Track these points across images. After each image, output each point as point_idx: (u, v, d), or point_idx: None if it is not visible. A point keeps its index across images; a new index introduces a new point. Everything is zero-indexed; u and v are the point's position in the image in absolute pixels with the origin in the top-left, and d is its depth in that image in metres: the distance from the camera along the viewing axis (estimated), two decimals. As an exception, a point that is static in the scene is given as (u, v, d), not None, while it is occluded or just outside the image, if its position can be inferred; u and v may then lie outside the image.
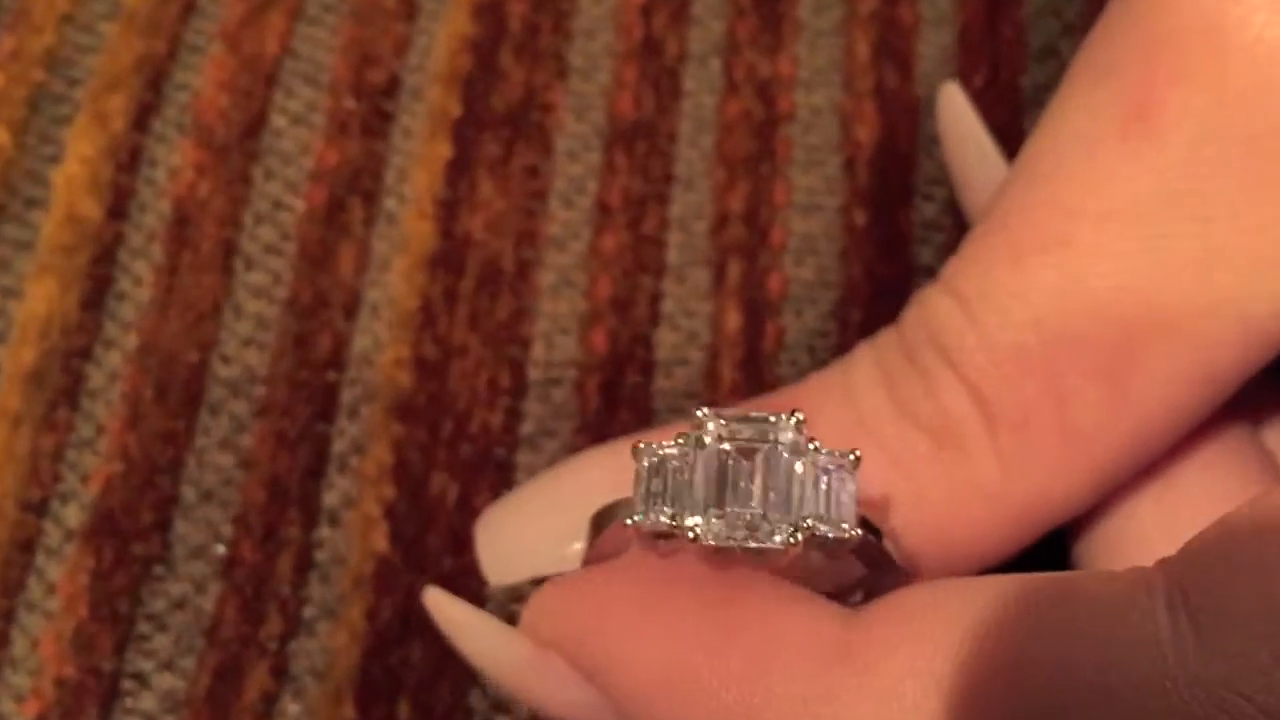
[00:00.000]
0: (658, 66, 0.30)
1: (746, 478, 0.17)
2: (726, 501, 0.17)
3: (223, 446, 0.26)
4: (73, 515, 0.25)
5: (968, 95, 0.30)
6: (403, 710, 0.24)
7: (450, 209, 0.28)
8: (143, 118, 0.29)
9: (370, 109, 0.29)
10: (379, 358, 0.27)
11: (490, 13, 0.31)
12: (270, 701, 0.24)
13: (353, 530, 0.25)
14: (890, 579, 0.19)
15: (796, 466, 0.17)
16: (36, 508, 0.25)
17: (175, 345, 0.27)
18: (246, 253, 0.28)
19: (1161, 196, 0.18)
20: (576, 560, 0.22)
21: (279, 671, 0.24)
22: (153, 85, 0.29)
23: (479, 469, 0.26)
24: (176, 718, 0.24)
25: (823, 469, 0.18)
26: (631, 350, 0.27)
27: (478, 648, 0.21)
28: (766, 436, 0.17)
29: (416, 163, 0.29)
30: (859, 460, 0.18)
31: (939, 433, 0.20)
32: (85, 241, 0.28)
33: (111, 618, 0.24)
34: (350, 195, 0.28)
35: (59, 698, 0.24)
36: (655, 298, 0.28)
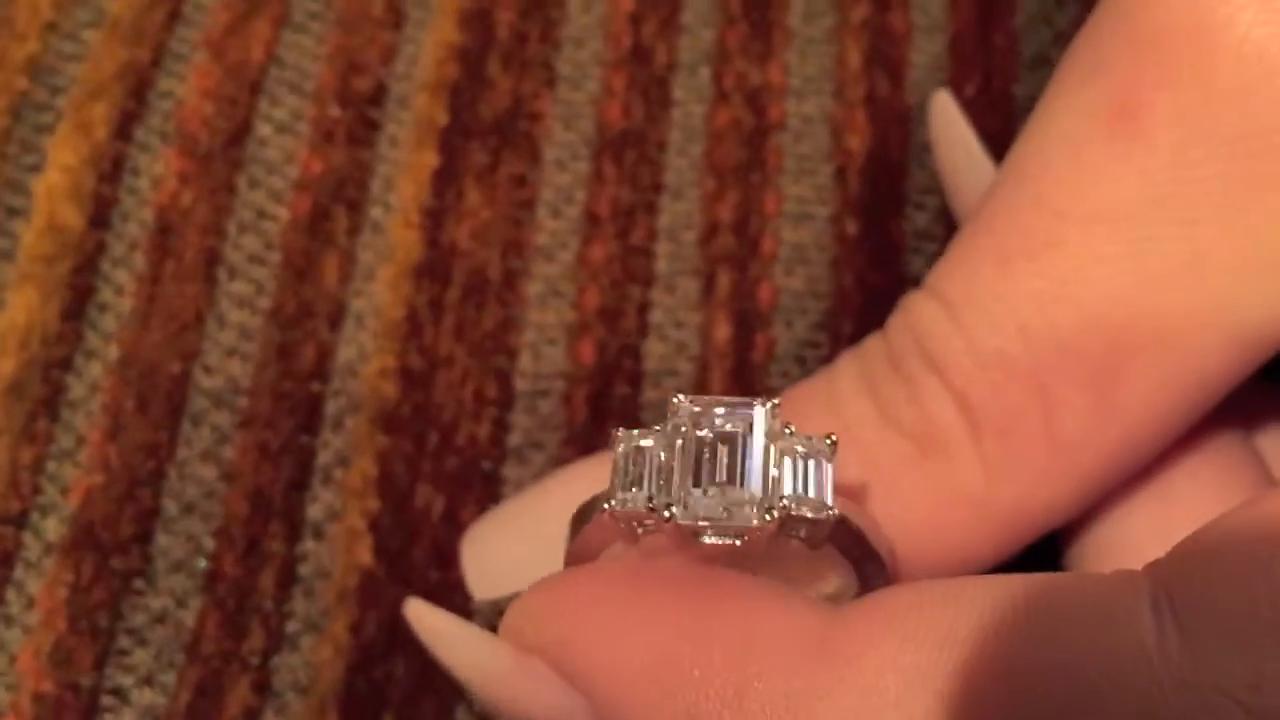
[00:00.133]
0: (647, 75, 0.30)
1: (722, 461, 0.17)
2: (702, 484, 0.17)
3: (205, 458, 0.26)
4: (52, 528, 0.25)
5: (960, 103, 0.30)
6: (387, 726, 0.24)
7: (436, 218, 0.28)
8: (126, 126, 0.29)
9: (356, 117, 0.29)
10: (364, 368, 0.26)
11: (478, 21, 0.30)
12: (252, 717, 0.24)
13: (337, 543, 0.25)
14: (873, 577, 0.19)
15: (772, 450, 0.18)
16: (15, 520, 0.25)
17: (157, 356, 0.26)
18: (230, 262, 0.27)
19: (1148, 198, 0.18)
20: None
21: (261, 687, 0.24)
22: (136, 93, 0.29)
23: (465, 481, 0.26)
24: (156, 734, 0.24)
25: (799, 453, 0.18)
26: (620, 361, 0.27)
27: (460, 657, 0.21)
28: (744, 421, 0.18)
29: (403, 171, 0.28)
30: (835, 444, 0.18)
31: (922, 440, 0.19)
32: (66, 251, 0.27)
33: (91, 632, 0.24)
34: (335, 204, 0.28)
35: (37, 713, 0.23)
36: (644, 308, 0.27)
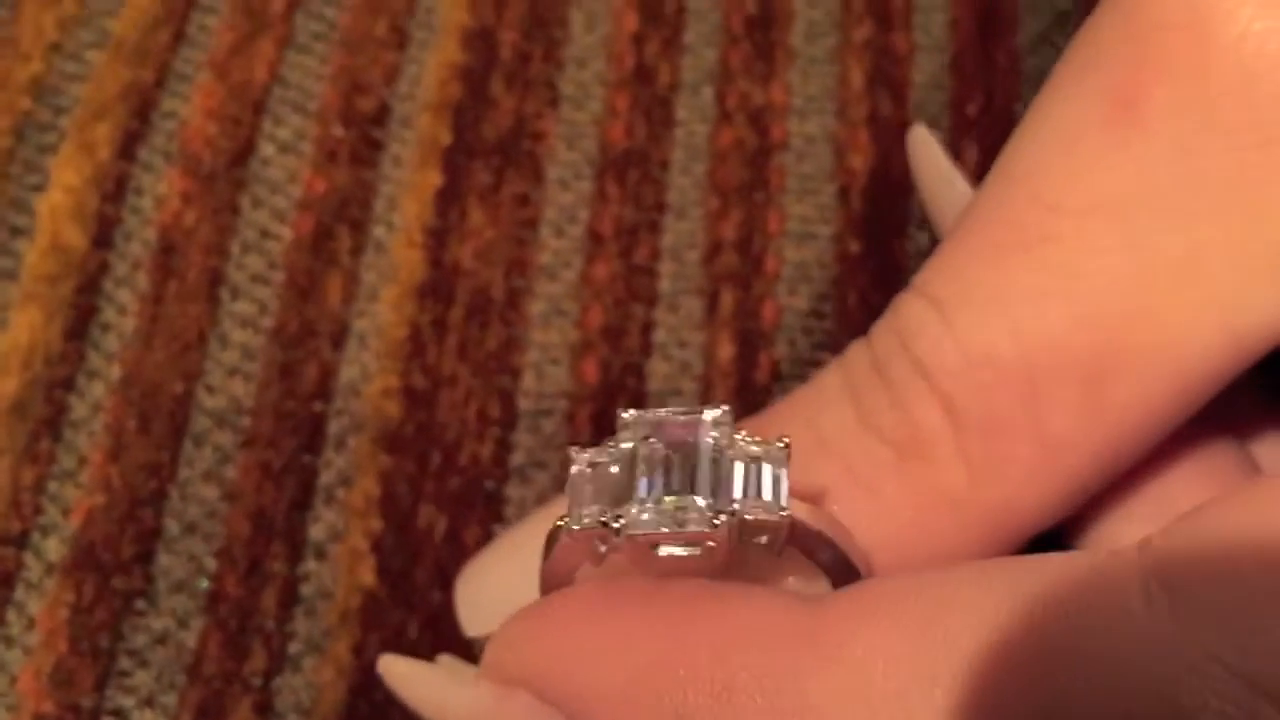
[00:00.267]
0: (650, 95, 0.30)
1: (675, 471, 0.17)
2: (654, 495, 0.17)
3: (207, 478, 0.25)
4: (53, 548, 0.25)
5: (960, 123, 0.30)
6: (389, 748, 0.24)
7: (440, 238, 0.28)
8: (129, 146, 0.29)
9: (359, 137, 0.29)
10: (366, 388, 0.26)
11: (481, 41, 0.30)
12: (254, 739, 0.24)
13: (339, 564, 0.25)
14: (844, 581, 0.18)
15: (723, 457, 0.18)
16: (16, 540, 0.25)
17: (159, 376, 0.26)
18: (233, 282, 0.27)
19: (1145, 191, 0.18)
20: None
21: (263, 708, 0.24)
22: (140, 113, 0.29)
23: (468, 501, 0.26)
24: (157, 756, 0.23)
25: (751, 457, 0.18)
26: (623, 380, 0.27)
27: (440, 701, 0.20)
28: (693, 430, 0.18)
29: (406, 191, 0.28)
30: (788, 447, 0.18)
31: (903, 445, 0.19)
32: (70, 271, 0.27)
33: (92, 653, 0.24)
34: (338, 224, 0.28)
35: (37, 735, 0.23)
36: (647, 327, 0.27)
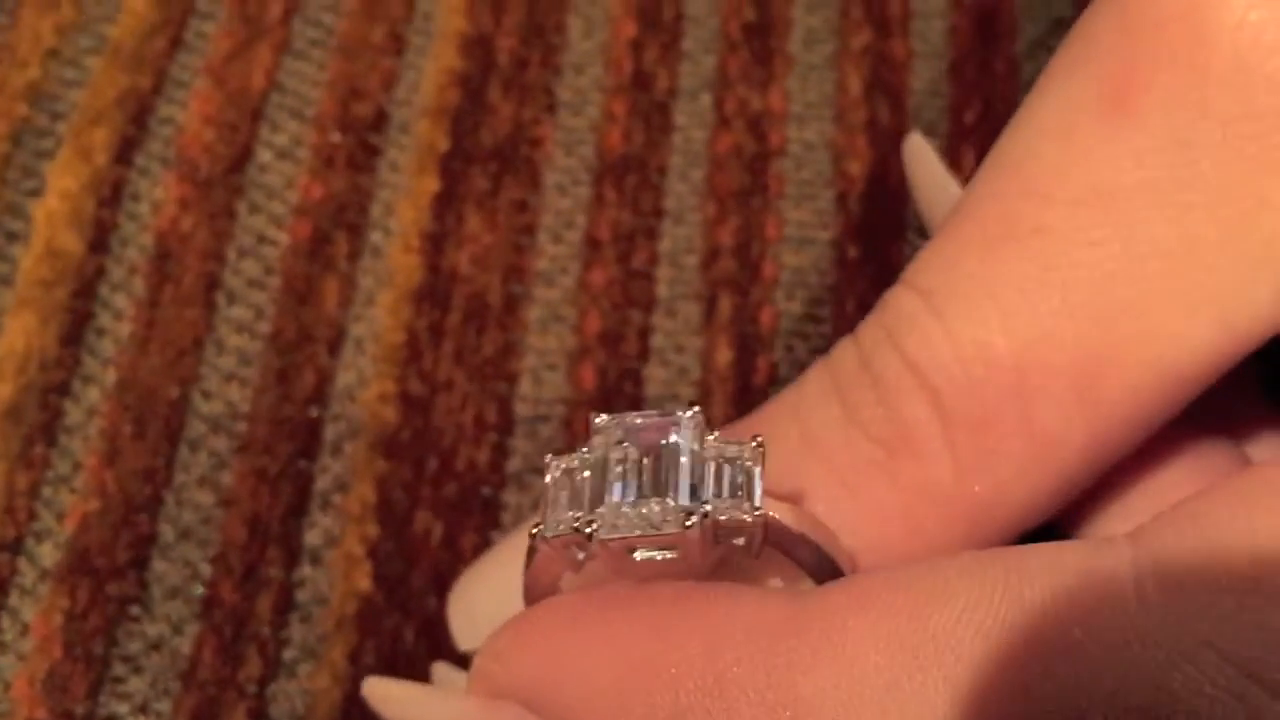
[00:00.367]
0: (648, 101, 0.30)
1: (647, 474, 0.17)
2: (626, 498, 0.17)
3: (202, 484, 0.25)
4: (48, 554, 0.25)
5: (959, 130, 0.30)
6: (384, 754, 0.23)
7: (437, 243, 0.28)
8: (126, 152, 0.29)
9: (356, 143, 0.29)
10: (363, 393, 0.26)
11: (479, 47, 0.30)
12: (248, 746, 0.23)
13: (335, 570, 0.25)
14: (827, 579, 0.18)
15: (696, 458, 0.18)
16: (11, 546, 0.25)
17: (155, 381, 0.26)
18: (229, 287, 0.27)
19: (1139, 181, 0.18)
20: None
21: (258, 715, 0.24)
22: (137, 119, 0.29)
23: (465, 507, 0.25)
24: (151, 763, 0.23)
25: (724, 458, 0.18)
26: (621, 386, 0.27)
27: (426, 716, 0.20)
28: (666, 433, 0.18)
29: (403, 196, 0.28)
30: (762, 447, 0.18)
31: (890, 441, 0.19)
32: (65, 276, 0.27)
33: (86, 659, 0.24)
34: (335, 229, 0.28)
35: (30, 742, 0.23)
36: (645, 333, 0.27)
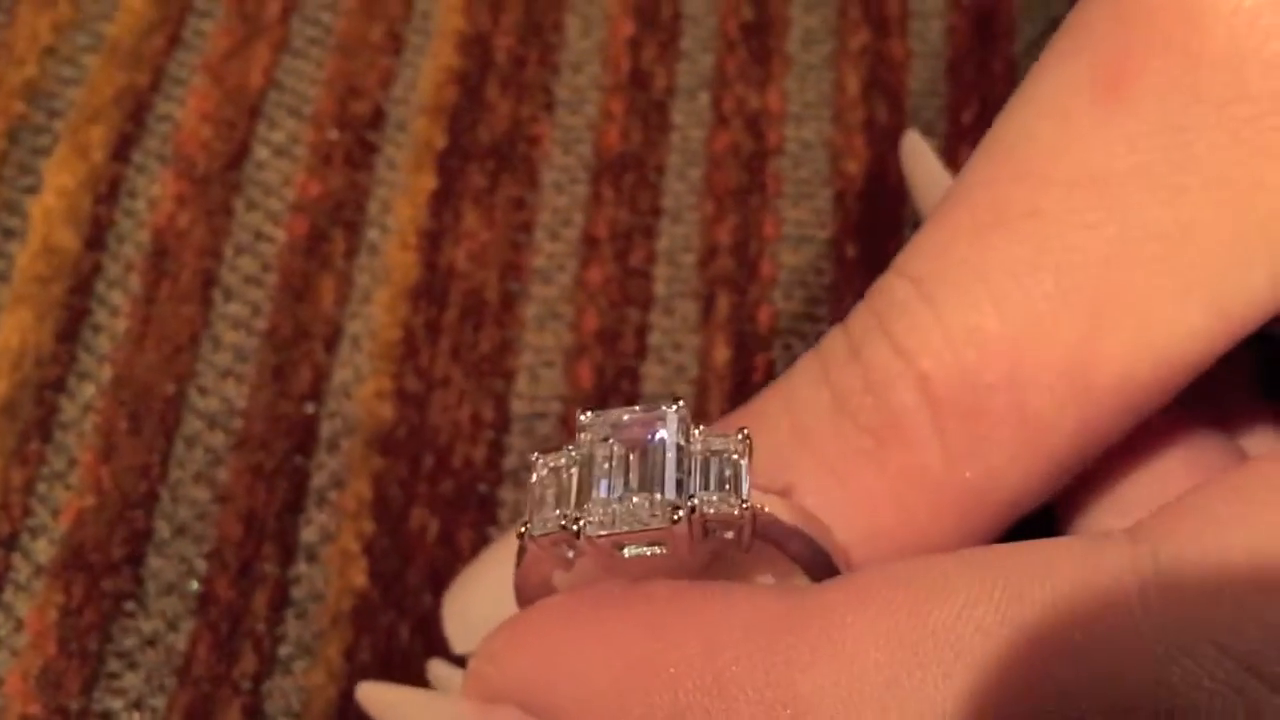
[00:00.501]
0: (646, 100, 0.30)
1: (633, 470, 0.17)
2: (613, 495, 0.17)
3: (198, 480, 0.25)
4: (42, 550, 0.24)
5: (956, 130, 0.30)
6: (380, 751, 0.23)
7: (434, 240, 0.28)
8: (123, 149, 0.28)
9: (354, 140, 0.29)
10: (359, 390, 0.26)
11: (476, 46, 0.30)
12: (243, 742, 0.23)
13: (331, 566, 0.25)
14: (820, 572, 0.18)
15: (682, 453, 0.17)
16: (5, 542, 0.25)
17: (151, 377, 0.26)
18: (226, 284, 0.27)
19: (1133, 164, 0.18)
20: None
21: (253, 712, 0.24)
22: (134, 116, 0.29)
23: (461, 504, 0.25)
24: (145, 759, 0.23)
25: (710, 452, 0.18)
26: (618, 384, 0.27)
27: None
28: (651, 428, 0.17)
29: (400, 194, 0.28)
30: (749, 439, 0.18)
31: (879, 429, 0.19)
32: (62, 272, 0.27)
33: (80, 655, 0.24)
34: (332, 226, 0.28)
35: (24, 737, 0.23)
36: (642, 331, 0.27)
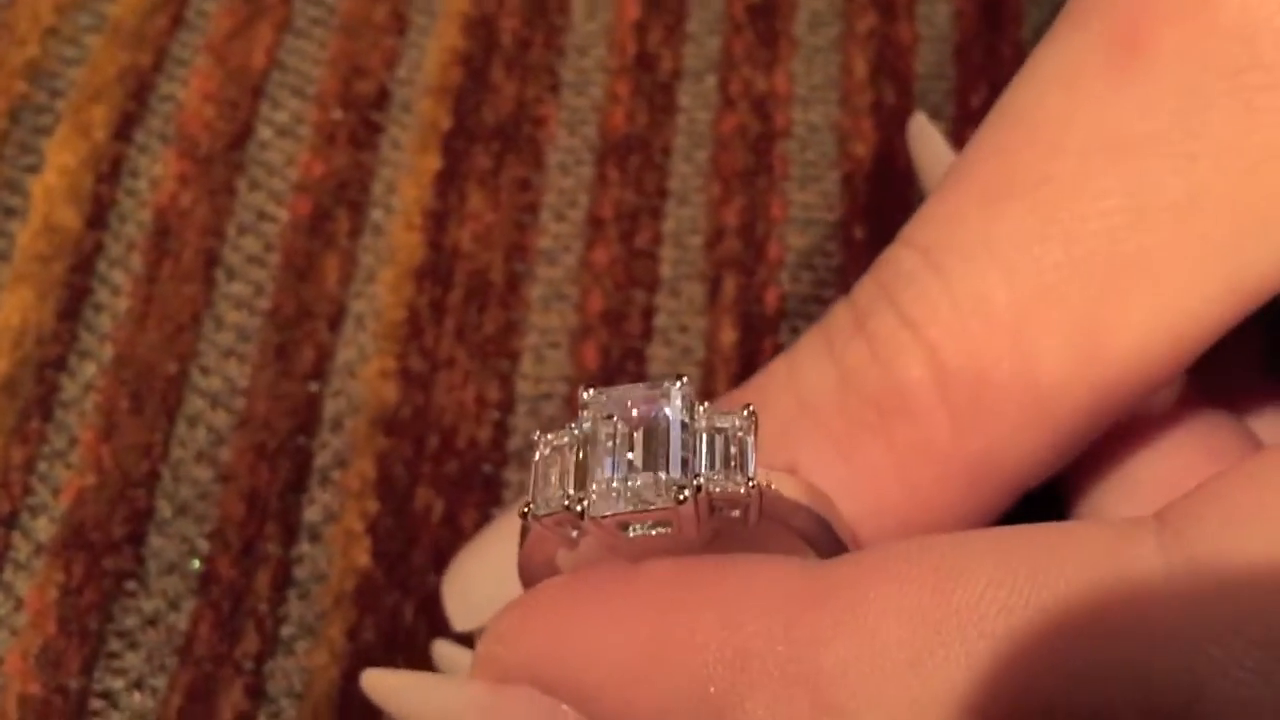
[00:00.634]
0: (651, 82, 0.30)
1: (637, 448, 0.17)
2: (617, 474, 0.17)
3: (200, 459, 0.25)
4: (43, 528, 0.24)
5: (964, 113, 0.29)
6: (383, 732, 0.23)
7: (439, 220, 0.28)
8: (126, 128, 0.28)
9: (358, 120, 0.29)
10: (363, 370, 0.26)
11: (482, 27, 0.30)
12: (245, 723, 0.23)
13: (334, 546, 0.24)
14: (830, 549, 0.18)
15: (687, 431, 0.17)
16: (6, 520, 0.24)
17: (153, 356, 0.26)
18: (228, 263, 0.27)
19: (1146, 132, 0.17)
20: None
21: (255, 692, 0.23)
22: (137, 96, 0.29)
23: (465, 485, 0.25)
24: (146, 739, 0.23)
25: (715, 429, 0.17)
26: (623, 365, 0.26)
27: (434, 708, 0.19)
28: (655, 406, 0.17)
29: (405, 174, 0.28)
30: (754, 415, 0.17)
31: (885, 401, 0.18)
32: (63, 251, 0.27)
33: (81, 634, 0.23)
34: (336, 206, 0.28)
35: (23, 716, 0.23)
36: (648, 312, 0.27)
